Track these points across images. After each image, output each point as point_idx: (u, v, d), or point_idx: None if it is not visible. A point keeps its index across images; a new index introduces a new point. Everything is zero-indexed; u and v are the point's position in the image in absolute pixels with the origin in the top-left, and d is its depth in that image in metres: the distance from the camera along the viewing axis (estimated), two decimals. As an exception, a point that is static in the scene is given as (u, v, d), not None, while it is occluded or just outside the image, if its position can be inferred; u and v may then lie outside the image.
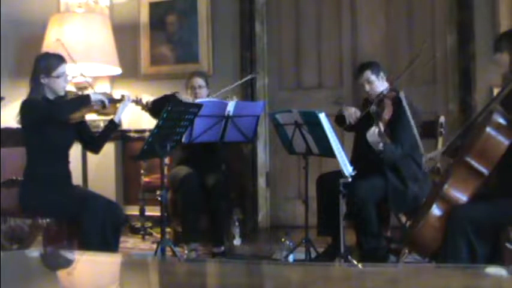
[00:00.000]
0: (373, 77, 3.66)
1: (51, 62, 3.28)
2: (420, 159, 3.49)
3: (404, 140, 3.45)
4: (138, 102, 3.58)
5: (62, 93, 3.34)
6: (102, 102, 3.34)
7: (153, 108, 3.74)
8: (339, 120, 3.80)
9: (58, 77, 3.27)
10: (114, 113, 3.44)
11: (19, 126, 3.31)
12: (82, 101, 3.34)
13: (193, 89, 4.12)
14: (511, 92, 2.68)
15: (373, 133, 3.37)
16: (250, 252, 4.13)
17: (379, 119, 3.44)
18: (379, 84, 3.68)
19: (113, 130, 3.54)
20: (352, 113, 3.69)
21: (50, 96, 3.31)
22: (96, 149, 3.61)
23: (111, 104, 3.42)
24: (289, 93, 4.98)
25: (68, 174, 3.42)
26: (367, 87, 3.68)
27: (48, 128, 3.22)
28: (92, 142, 3.56)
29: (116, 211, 3.33)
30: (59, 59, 3.32)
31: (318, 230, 3.73)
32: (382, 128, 3.38)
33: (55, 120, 3.21)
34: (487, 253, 2.57)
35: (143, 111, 3.80)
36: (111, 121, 3.48)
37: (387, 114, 3.49)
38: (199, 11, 5.00)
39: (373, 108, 3.50)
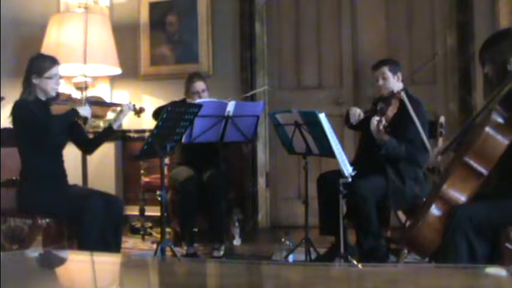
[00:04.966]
0: (389, 73, 3.66)
1: (43, 63, 3.32)
2: (423, 160, 3.50)
3: (408, 139, 3.47)
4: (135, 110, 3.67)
5: (53, 94, 3.37)
6: (85, 118, 3.43)
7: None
8: (345, 118, 3.81)
9: (49, 78, 3.30)
10: (102, 116, 3.50)
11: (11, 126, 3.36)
12: (70, 116, 3.37)
13: (198, 94, 4.10)
14: (510, 91, 2.68)
15: (375, 122, 3.42)
16: (250, 253, 4.13)
17: (382, 114, 3.47)
18: (393, 82, 3.66)
19: (109, 135, 3.62)
20: (356, 114, 3.67)
21: (42, 97, 3.35)
22: (89, 151, 3.69)
23: (104, 107, 3.54)
24: (289, 93, 4.98)
25: (63, 173, 3.44)
26: (381, 81, 3.68)
27: (40, 130, 3.25)
28: (86, 144, 3.61)
29: (116, 205, 3.37)
30: (52, 61, 3.36)
31: (320, 229, 3.73)
32: (384, 123, 3.40)
33: (45, 131, 3.25)
34: (487, 253, 2.57)
35: (142, 112, 3.82)
36: (110, 127, 3.53)
37: (391, 111, 3.51)
38: (199, 11, 5.01)
39: (380, 105, 3.56)
